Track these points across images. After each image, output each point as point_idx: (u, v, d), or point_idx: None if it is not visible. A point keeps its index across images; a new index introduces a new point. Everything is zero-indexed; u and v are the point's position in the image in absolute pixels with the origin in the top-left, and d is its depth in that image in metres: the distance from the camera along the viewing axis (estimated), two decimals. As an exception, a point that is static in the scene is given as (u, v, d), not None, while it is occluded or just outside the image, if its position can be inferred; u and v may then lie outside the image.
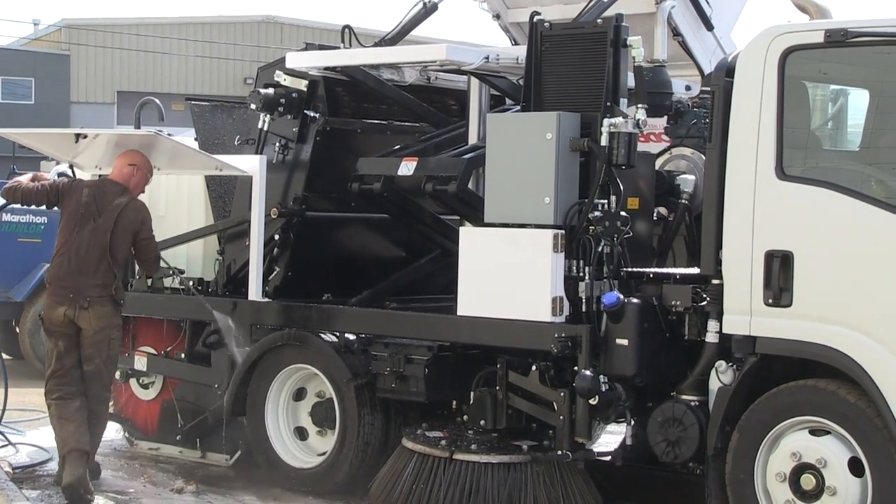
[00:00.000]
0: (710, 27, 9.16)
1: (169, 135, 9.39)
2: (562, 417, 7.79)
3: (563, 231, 7.71)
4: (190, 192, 10.23)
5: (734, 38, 9.35)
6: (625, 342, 7.57)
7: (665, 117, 8.63)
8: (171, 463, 9.81)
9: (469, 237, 8.20)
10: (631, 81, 7.92)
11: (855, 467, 6.91)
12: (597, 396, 7.52)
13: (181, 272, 9.76)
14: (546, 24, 8.07)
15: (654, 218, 8.48)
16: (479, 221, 8.24)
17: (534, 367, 7.96)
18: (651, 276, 7.83)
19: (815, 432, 7.06)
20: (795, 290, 7.06)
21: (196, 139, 10.27)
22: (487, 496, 7.97)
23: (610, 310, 7.56)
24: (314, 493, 8.84)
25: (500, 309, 7.91)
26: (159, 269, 9.37)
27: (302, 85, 9.24)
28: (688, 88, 8.98)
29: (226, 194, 10.01)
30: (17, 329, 15.08)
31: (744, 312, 7.25)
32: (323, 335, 8.92)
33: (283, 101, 9.23)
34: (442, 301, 8.95)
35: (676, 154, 8.66)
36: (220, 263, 9.76)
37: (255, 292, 9.14)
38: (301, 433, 9.21)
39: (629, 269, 7.84)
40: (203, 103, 10.48)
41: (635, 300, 7.63)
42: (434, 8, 9.73)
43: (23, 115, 38.44)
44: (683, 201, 8.43)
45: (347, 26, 9.49)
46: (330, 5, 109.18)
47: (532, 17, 8.15)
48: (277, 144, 9.32)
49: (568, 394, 7.74)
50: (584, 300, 7.72)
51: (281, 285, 9.26)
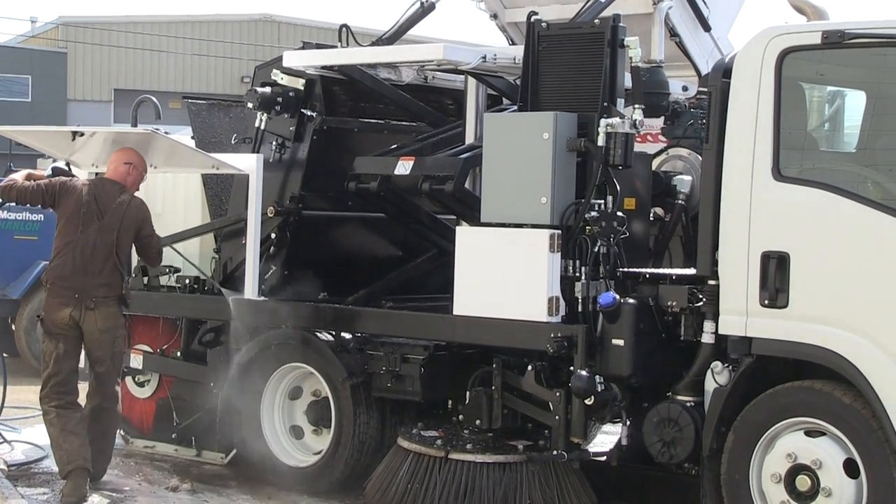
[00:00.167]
0: (707, 28, 9.16)
1: (166, 133, 9.39)
2: (557, 417, 7.79)
3: (559, 231, 7.71)
4: (187, 190, 10.22)
5: (731, 38, 9.35)
6: (621, 342, 7.57)
7: (662, 118, 8.63)
8: (167, 461, 9.80)
9: (465, 237, 8.20)
10: (628, 82, 7.92)
11: (850, 468, 6.91)
12: (592, 396, 7.53)
13: (177, 270, 9.79)
14: (543, 24, 8.07)
15: (651, 218, 8.48)
16: (475, 221, 8.23)
17: (530, 367, 7.96)
18: (647, 276, 7.83)
19: (810, 433, 7.06)
20: (791, 291, 7.06)
21: (193, 137, 10.26)
22: (483, 496, 7.97)
23: (606, 310, 7.56)
24: (309, 491, 8.84)
25: (496, 309, 7.90)
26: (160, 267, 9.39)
27: (299, 84, 9.23)
28: (685, 89, 8.97)
29: (222, 193, 10.00)
30: (13, 326, 15.08)
31: (740, 313, 7.25)
32: (319, 334, 8.93)
33: (280, 99, 9.22)
34: (438, 300, 8.95)
35: (673, 154, 8.67)
36: (216, 262, 9.76)
37: (251, 291, 9.14)
38: (297, 432, 9.21)
39: (625, 270, 7.85)
40: (200, 102, 10.47)
41: (631, 300, 7.63)
42: (431, 7, 9.72)
43: (19, 113, 38.30)
44: (680, 202, 8.44)
45: (345, 25, 9.48)
46: (327, 4, 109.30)
47: (529, 16, 8.15)
48: (274, 143, 9.31)
49: (564, 394, 7.74)
50: (580, 300, 7.72)
51: (277, 284, 9.26)
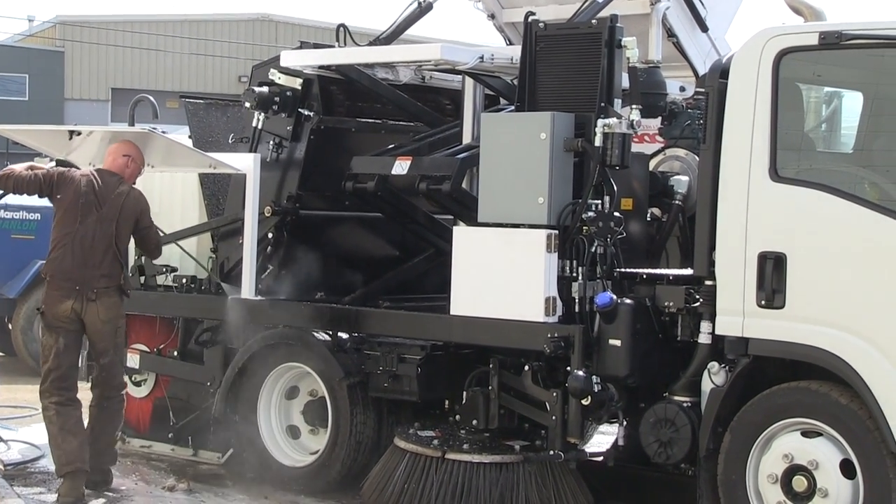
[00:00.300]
0: (704, 28, 9.16)
1: (163, 132, 9.38)
2: (554, 417, 7.79)
3: (556, 231, 7.71)
4: (184, 189, 10.22)
5: (729, 39, 9.35)
6: (618, 343, 7.56)
7: (659, 118, 8.62)
8: (163, 461, 9.79)
9: (463, 237, 8.19)
10: (625, 82, 7.93)
11: (847, 469, 6.91)
12: (589, 397, 7.52)
13: (174, 270, 9.78)
14: (541, 25, 8.07)
15: (648, 219, 8.48)
16: (472, 221, 8.23)
17: (526, 367, 7.97)
18: (644, 276, 7.83)
19: (807, 434, 7.06)
20: (788, 291, 7.06)
21: (190, 137, 10.26)
22: (479, 496, 7.97)
23: (603, 310, 7.56)
24: (306, 491, 8.84)
25: (493, 309, 7.90)
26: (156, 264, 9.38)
27: (296, 83, 9.23)
28: (682, 89, 8.97)
29: (220, 192, 9.99)
30: (10, 326, 15.06)
31: (736, 314, 7.25)
32: (316, 334, 8.93)
33: (277, 99, 9.21)
34: (435, 300, 8.95)
35: (670, 155, 8.67)
36: (213, 261, 9.76)
37: (248, 290, 9.13)
38: (293, 432, 9.20)
39: (622, 270, 7.85)
40: (197, 101, 10.46)
41: (628, 301, 7.63)
42: (429, 7, 9.72)
43: (17, 112, 38.30)
44: (677, 202, 8.44)
45: (342, 25, 9.47)
46: (325, 4, 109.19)
47: (527, 17, 8.15)
48: (271, 143, 9.31)
49: (560, 394, 7.74)
50: (577, 300, 7.72)
51: (274, 284, 9.25)
